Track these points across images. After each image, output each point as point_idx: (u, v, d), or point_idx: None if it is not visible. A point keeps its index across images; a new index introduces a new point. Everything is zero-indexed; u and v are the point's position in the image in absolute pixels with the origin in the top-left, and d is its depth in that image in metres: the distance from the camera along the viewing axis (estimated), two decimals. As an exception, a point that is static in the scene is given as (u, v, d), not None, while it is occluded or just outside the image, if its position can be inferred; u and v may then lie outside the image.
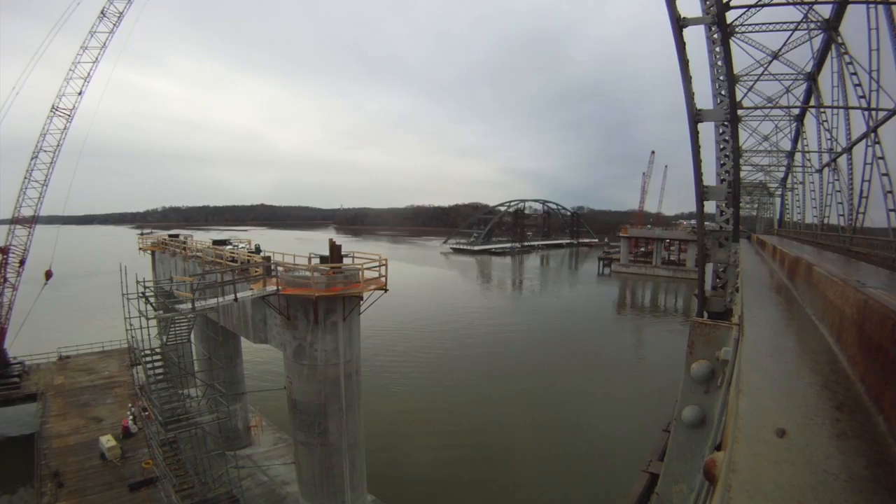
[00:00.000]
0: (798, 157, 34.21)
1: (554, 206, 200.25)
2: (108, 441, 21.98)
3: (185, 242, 25.56)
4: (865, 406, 2.63)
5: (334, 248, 17.76)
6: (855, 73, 18.21)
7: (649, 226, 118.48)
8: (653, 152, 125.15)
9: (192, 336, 22.85)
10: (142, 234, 34.81)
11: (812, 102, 25.65)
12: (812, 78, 24.14)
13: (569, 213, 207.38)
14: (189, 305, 14.62)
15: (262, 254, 21.38)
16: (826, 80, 22.57)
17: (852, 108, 19.45)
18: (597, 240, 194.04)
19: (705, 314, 19.21)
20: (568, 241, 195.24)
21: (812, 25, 19.31)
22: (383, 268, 17.53)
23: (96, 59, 31.20)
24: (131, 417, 24.30)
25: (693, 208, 20.21)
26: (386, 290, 17.25)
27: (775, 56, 21.14)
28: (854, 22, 17.92)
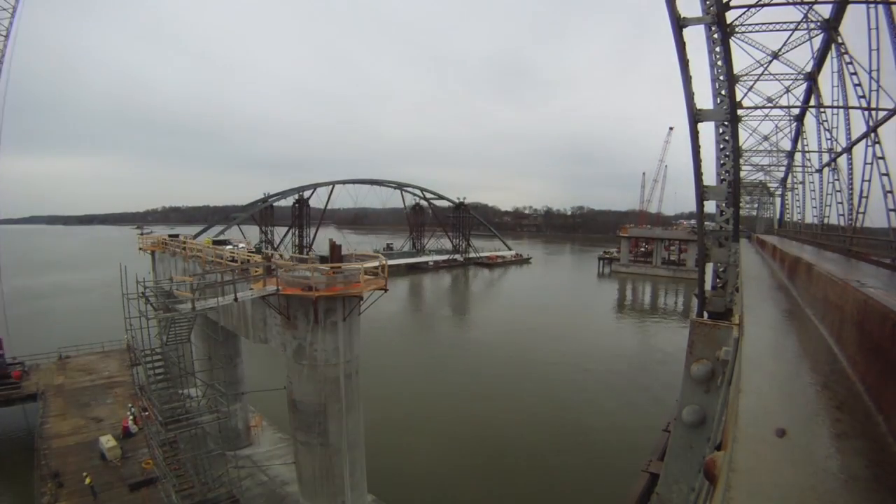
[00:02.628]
0: (798, 156, 34.19)
1: (417, 193, 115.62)
2: (108, 441, 21.98)
3: (185, 242, 25.56)
4: (865, 406, 2.63)
5: (334, 248, 17.77)
6: (855, 73, 18.20)
7: (648, 226, 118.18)
8: (671, 128, 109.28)
9: (192, 336, 22.83)
10: (141, 233, 34.84)
11: (812, 102, 25.63)
12: (812, 78, 24.12)
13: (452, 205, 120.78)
14: (189, 305, 14.63)
15: (262, 253, 21.39)
16: (826, 79, 22.57)
17: (852, 107, 19.44)
18: (513, 251, 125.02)
19: (705, 314, 19.23)
20: (444, 257, 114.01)
21: (812, 25, 19.29)
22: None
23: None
24: (131, 417, 24.30)
25: (693, 208, 20.23)
26: (386, 290, 17.26)
27: (775, 56, 21.12)
28: (854, 22, 17.92)
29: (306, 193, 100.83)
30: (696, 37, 16.47)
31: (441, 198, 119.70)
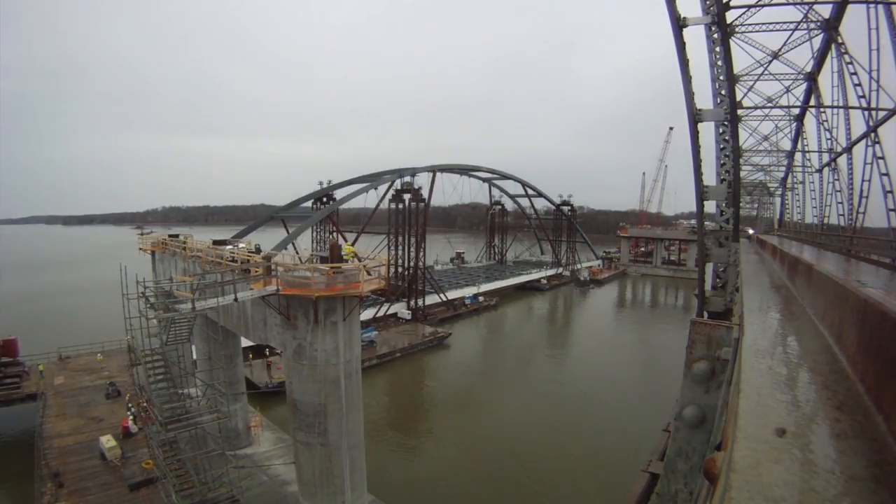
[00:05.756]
0: (798, 156, 34.16)
1: (503, 188, 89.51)
2: (108, 441, 21.96)
3: (185, 242, 25.53)
4: (865, 406, 2.63)
5: (334, 248, 17.77)
6: (855, 73, 18.18)
7: (648, 226, 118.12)
8: (671, 128, 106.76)
9: (192, 336, 22.83)
10: (141, 233, 34.86)
11: (812, 102, 25.61)
12: (812, 78, 24.11)
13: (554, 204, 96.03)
14: (189, 305, 14.62)
15: (261, 254, 21.38)
16: (826, 79, 22.53)
17: (852, 107, 19.42)
18: (598, 261, 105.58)
19: (705, 314, 19.24)
20: (551, 272, 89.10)
21: (812, 25, 19.28)
22: (382, 268, 17.53)
23: None
24: (131, 417, 24.29)
25: (693, 208, 20.22)
26: (386, 291, 17.25)
27: (775, 56, 21.12)
28: (854, 22, 17.89)
29: (400, 181, 59.28)
30: (696, 37, 16.49)
31: (540, 195, 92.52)
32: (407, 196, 58.31)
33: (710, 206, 18.94)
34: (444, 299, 58.54)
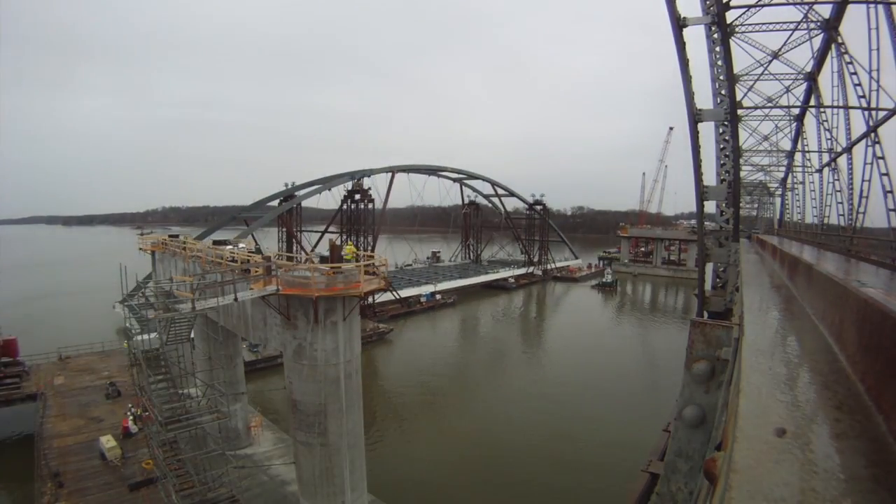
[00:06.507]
0: (798, 156, 34.19)
1: (477, 188, 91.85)
2: (108, 441, 21.95)
3: (185, 242, 25.53)
4: (865, 406, 2.63)
5: (334, 248, 17.78)
6: (855, 73, 18.19)
7: (648, 226, 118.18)
8: (671, 128, 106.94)
9: (193, 336, 22.82)
10: (141, 234, 34.90)
11: (812, 102, 25.63)
12: (812, 78, 24.12)
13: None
14: (189, 305, 14.62)
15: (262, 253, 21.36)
16: (826, 79, 22.56)
17: (852, 107, 19.42)
18: (579, 260, 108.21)
19: (705, 314, 19.26)
20: (521, 271, 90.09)
21: (812, 25, 19.30)
22: (383, 267, 17.54)
23: None
24: (131, 417, 24.29)
25: (693, 208, 20.24)
26: (387, 290, 17.27)
27: (775, 56, 21.15)
28: (854, 22, 17.90)
29: (351, 183, 62.24)
30: (696, 37, 16.51)
31: (511, 194, 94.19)
32: (359, 196, 61.29)
33: (710, 206, 18.99)
34: (397, 297, 59.88)
